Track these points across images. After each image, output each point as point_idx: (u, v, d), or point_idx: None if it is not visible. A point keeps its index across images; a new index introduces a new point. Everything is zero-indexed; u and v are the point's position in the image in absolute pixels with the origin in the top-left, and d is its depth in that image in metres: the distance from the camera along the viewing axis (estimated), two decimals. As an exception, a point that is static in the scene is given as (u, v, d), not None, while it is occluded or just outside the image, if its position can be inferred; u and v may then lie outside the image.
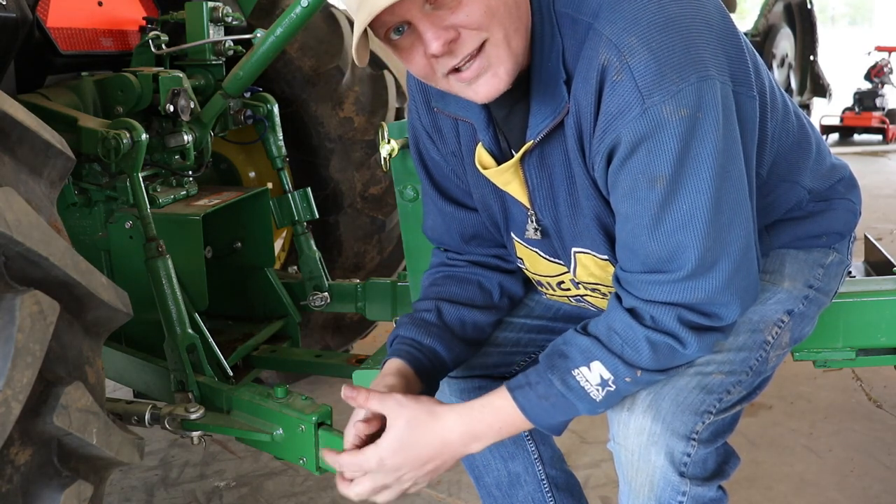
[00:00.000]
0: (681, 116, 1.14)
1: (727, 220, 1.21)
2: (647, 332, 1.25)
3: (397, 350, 1.47)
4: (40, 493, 1.27)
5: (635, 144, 1.17)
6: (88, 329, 1.41)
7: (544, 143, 1.31)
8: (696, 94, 1.15)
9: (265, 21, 2.69)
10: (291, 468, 2.70)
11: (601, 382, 1.26)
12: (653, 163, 1.17)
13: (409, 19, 1.16)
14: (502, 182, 1.40)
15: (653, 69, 1.14)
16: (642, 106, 1.15)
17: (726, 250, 1.22)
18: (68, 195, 2.24)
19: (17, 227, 1.21)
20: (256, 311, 2.71)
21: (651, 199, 1.19)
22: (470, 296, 1.55)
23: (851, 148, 9.78)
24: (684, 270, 1.21)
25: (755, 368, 1.40)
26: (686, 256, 1.21)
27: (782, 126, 1.41)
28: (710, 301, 1.24)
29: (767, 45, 9.54)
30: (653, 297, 1.24)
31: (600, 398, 1.28)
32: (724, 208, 1.20)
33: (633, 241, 1.25)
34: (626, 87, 1.15)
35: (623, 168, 1.20)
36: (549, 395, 1.28)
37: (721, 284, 1.23)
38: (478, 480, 1.75)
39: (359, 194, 3.02)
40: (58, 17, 2.36)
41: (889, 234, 5.65)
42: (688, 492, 1.35)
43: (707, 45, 1.18)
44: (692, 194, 1.18)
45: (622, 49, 1.15)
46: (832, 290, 1.55)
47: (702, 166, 1.17)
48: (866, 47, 11.04)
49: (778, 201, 1.45)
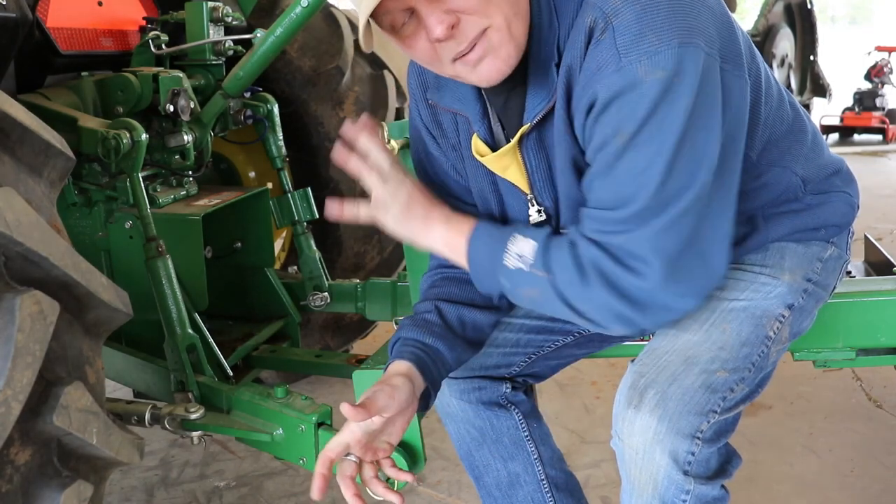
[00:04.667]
0: (655, 77, 1.16)
1: (679, 186, 1.21)
2: (567, 258, 1.28)
3: (401, 352, 1.47)
4: (40, 493, 1.27)
5: (608, 101, 1.20)
6: (88, 329, 1.41)
7: (541, 127, 1.34)
8: (676, 59, 1.16)
9: (265, 21, 2.69)
10: (291, 468, 2.70)
11: (520, 257, 1.33)
12: (623, 119, 1.19)
13: (412, 5, 1.19)
14: (500, 168, 1.41)
15: (633, 30, 1.17)
16: (618, 63, 1.17)
17: (668, 211, 1.22)
18: (68, 195, 2.24)
19: (17, 227, 1.21)
20: (256, 311, 2.71)
21: (610, 150, 1.22)
22: (469, 296, 1.55)
23: (851, 148, 9.77)
24: (620, 213, 1.23)
25: (757, 364, 1.40)
26: (628, 207, 1.22)
27: (776, 114, 1.43)
28: (630, 252, 1.24)
29: (767, 45, 9.55)
30: (583, 229, 1.28)
31: (511, 265, 1.33)
32: (678, 175, 1.21)
33: (587, 186, 1.29)
34: (607, 45, 1.18)
35: (596, 123, 1.23)
36: (490, 236, 1.37)
37: (646, 238, 1.22)
38: (478, 481, 1.75)
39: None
40: (58, 17, 2.36)
41: (889, 234, 5.64)
42: (692, 490, 1.35)
43: (697, 16, 1.20)
44: (650, 151, 1.19)
45: (607, 10, 1.19)
46: (830, 285, 1.56)
47: (666, 128, 1.18)
48: (866, 47, 11.05)
49: (769, 185, 1.46)
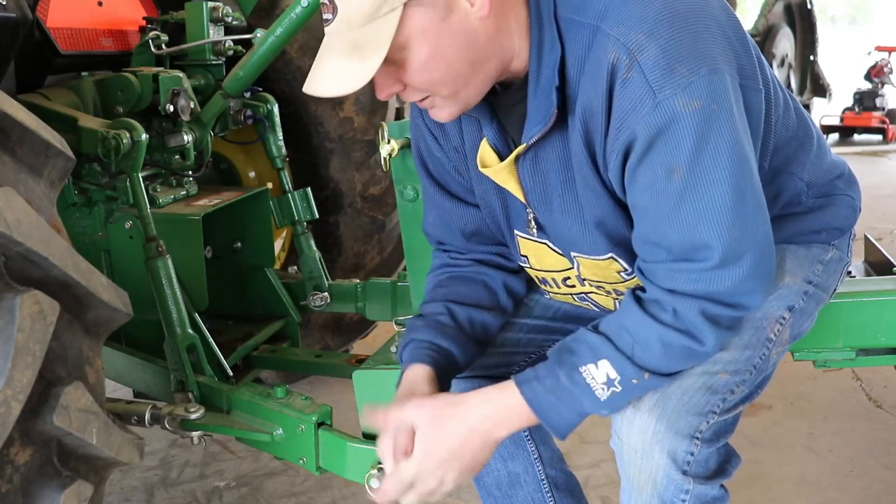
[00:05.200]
0: (694, 108, 1.15)
1: (751, 209, 1.22)
2: (661, 331, 1.24)
3: (418, 355, 1.45)
4: (40, 493, 1.27)
5: (651, 139, 1.18)
6: (88, 329, 1.41)
7: (538, 148, 1.32)
8: (708, 86, 1.16)
9: (265, 21, 2.68)
10: (291, 468, 2.69)
11: (607, 381, 1.26)
12: (670, 154, 1.18)
13: None
14: (500, 180, 1.41)
15: (662, 64, 1.15)
16: (654, 100, 1.15)
17: (753, 238, 1.23)
18: (68, 195, 2.24)
19: (17, 227, 1.21)
20: (256, 311, 2.70)
21: (669, 190, 1.20)
22: (477, 297, 1.54)
23: (851, 148, 9.77)
24: (712, 260, 1.21)
25: (758, 366, 1.40)
26: (712, 246, 1.20)
27: (783, 120, 1.43)
28: (735, 290, 1.23)
29: (767, 45, 9.55)
30: (678, 286, 1.23)
31: (605, 398, 1.27)
32: (747, 196, 1.21)
33: (653, 233, 1.25)
34: (637, 83, 1.16)
35: (641, 164, 1.21)
36: (555, 389, 1.28)
37: (748, 272, 1.22)
38: (478, 480, 1.75)
39: (359, 194, 3.01)
40: (58, 17, 2.36)
41: (889, 234, 5.64)
42: (691, 490, 1.35)
43: (714, 40, 1.19)
44: (712, 184, 1.18)
45: (631, 47, 1.16)
46: (831, 287, 1.55)
47: (720, 156, 1.18)
48: (866, 47, 11.06)
49: (777, 194, 1.46)
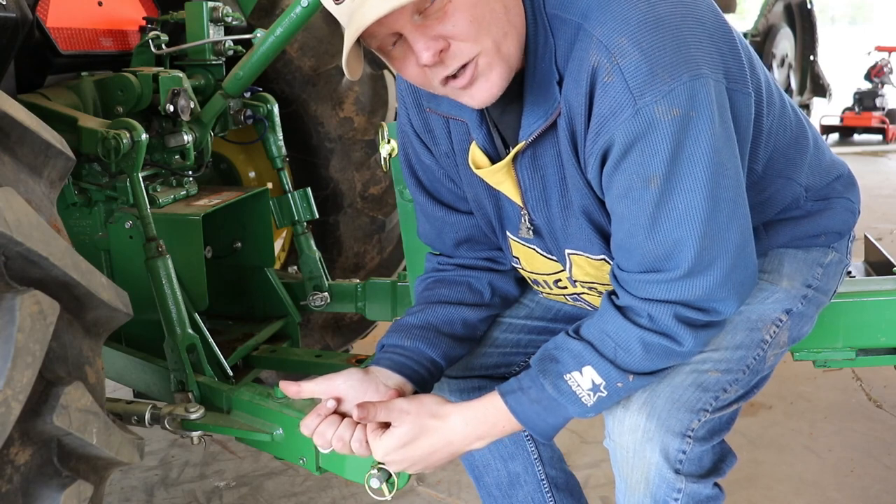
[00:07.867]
0: (673, 116, 1.14)
1: (725, 218, 1.22)
2: (641, 333, 1.25)
3: (378, 359, 1.49)
4: (40, 493, 1.27)
5: (629, 145, 1.17)
6: (88, 329, 1.40)
7: (537, 144, 1.31)
8: (689, 93, 1.15)
9: (265, 21, 2.69)
10: (291, 468, 2.70)
11: (592, 388, 1.27)
12: (647, 163, 1.17)
13: (399, 30, 1.16)
14: (495, 182, 1.40)
15: (644, 70, 1.14)
16: (634, 107, 1.15)
17: (724, 247, 1.23)
18: (68, 195, 2.24)
19: (17, 227, 1.20)
20: (256, 311, 2.70)
21: (646, 199, 1.20)
22: (459, 296, 1.56)
23: (851, 148, 9.77)
24: (682, 269, 1.22)
25: (752, 367, 1.40)
26: (683, 255, 1.21)
27: (779, 122, 1.41)
28: (707, 297, 1.24)
29: (767, 45, 9.55)
30: (650, 295, 1.25)
31: (591, 403, 1.28)
32: (721, 206, 1.21)
33: (629, 241, 1.25)
34: (618, 88, 1.15)
35: (617, 169, 1.21)
36: (541, 398, 1.30)
37: (718, 281, 1.23)
38: (478, 480, 1.75)
39: (359, 194, 3.01)
40: (58, 17, 2.36)
41: (889, 234, 5.64)
42: (683, 489, 1.35)
43: (699, 43, 1.18)
44: (687, 193, 1.18)
45: (612, 50, 1.15)
46: (831, 290, 1.55)
47: (696, 165, 1.17)
48: (866, 47, 11.05)
49: (774, 198, 1.45)
